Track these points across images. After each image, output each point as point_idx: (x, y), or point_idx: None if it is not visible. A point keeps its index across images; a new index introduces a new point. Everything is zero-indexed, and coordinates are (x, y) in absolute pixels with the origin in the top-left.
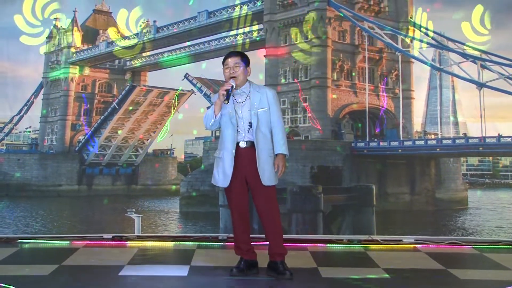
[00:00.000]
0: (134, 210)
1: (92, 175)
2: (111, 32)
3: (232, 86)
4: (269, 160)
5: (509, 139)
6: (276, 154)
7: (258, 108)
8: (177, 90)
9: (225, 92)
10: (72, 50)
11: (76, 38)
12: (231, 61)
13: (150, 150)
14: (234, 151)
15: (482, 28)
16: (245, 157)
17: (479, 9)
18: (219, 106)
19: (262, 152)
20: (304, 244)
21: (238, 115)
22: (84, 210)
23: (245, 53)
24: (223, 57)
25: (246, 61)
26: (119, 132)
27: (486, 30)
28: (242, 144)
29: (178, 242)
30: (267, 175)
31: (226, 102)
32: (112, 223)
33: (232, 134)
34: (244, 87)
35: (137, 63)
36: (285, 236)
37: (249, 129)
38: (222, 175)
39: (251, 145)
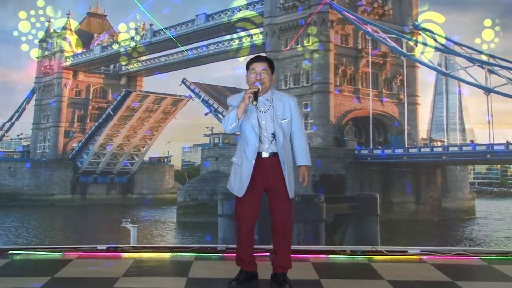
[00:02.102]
0: (129, 220)
1: (86, 184)
2: (105, 36)
3: (259, 89)
4: (292, 172)
5: None
6: (299, 166)
7: (282, 118)
8: (174, 95)
9: (251, 94)
10: (66, 54)
11: (70, 42)
12: (258, 66)
13: (146, 158)
14: (254, 162)
15: (490, 32)
16: (269, 167)
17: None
18: (242, 109)
19: (287, 165)
20: (306, 255)
21: (260, 125)
22: (78, 220)
23: (268, 57)
24: (248, 61)
25: (272, 68)
26: (114, 139)
27: (493, 35)
28: (265, 155)
29: (175, 253)
30: (291, 188)
31: (255, 103)
32: (107, 233)
33: (254, 144)
34: (267, 95)
35: (132, 67)
36: None
37: (272, 140)
38: (239, 183)
39: (274, 155)
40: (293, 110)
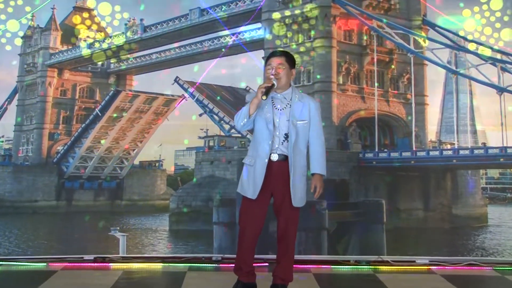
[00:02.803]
0: (118, 228)
1: (72, 190)
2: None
3: (273, 85)
4: (302, 179)
5: None
6: (313, 174)
7: (298, 119)
8: (166, 95)
9: (264, 89)
10: (50, 51)
11: (55, 38)
12: (274, 60)
13: (136, 162)
14: (267, 160)
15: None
16: (276, 171)
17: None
18: (255, 105)
19: (297, 169)
20: (307, 266)
21: (274, 122)
22: (63, 228)
23: (288, 51)
24: (267, 55)
25: (291, 63)
26: (102, 141)
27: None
28: (274, 157)
29: (167, 264)
30: (299, 196)
31: (264, 97)
32: (94, 242)
33: (268, 141)
34: (286, 92)
35: (122, 65)
36: None
37: (283, 141)
38: (253, 186)
39: (284, 158)
40: (313, 113)
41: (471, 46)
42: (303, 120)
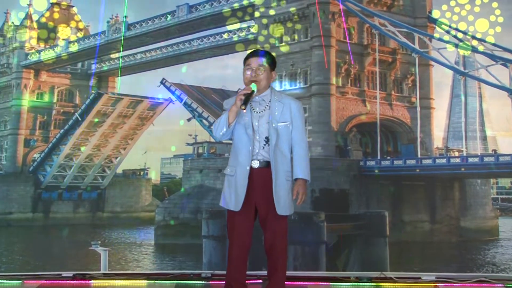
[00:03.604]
0: (99, 242)
1: (49, 201)
2: (72, 29)
3: (253, 91)
4: (286, 185)
5: None
6: (296, 179)
7: (279, 121)
8: (152, 98)
9: (243, 97)
10: (26, 51)
11: (31, 36)
12: (254, 61)
13: (119, 170)
14: (249, 168)
15: None
16: (258, 179)
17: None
18: (234, 113)
19: (279, 175)
20: (304, 283)
21: (253, 126)
22: (40, 242)
23: (269, 51)
24: (246, 56)
25: (271, 63)
26: (82, 149)
27: None
28: (255, 164)
29: (153, 281)
30: (283, 203)
31: (243, 108)
32: (74, 258)
33: (248, 147)
34: (265, 94)
35: (104, 66)
36: None
37: (264, 145)
38: (235, 197)
39: (266, 165)
40: (295, 114)
41: (481, 48)
42: (284, 122)
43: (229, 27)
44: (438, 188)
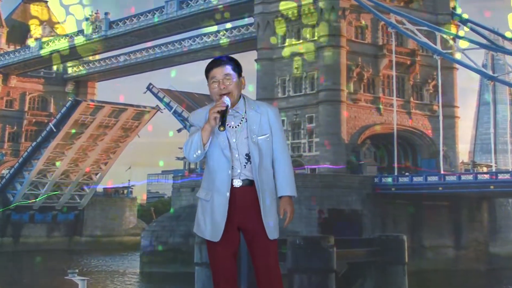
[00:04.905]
0: (77, 270)
1: (20, 223)
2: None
3: (228, 106)
4: (273, 205)
5: None
6: (281, 197)
7: (259, 135)
8: (137, 106)
9: (218, 115)
10: None
11: None
12: (218, 72)
13: (100, 189)
14: (228, 194)
15: None
16: (241, 199)
17: None
18: (208, 132)
19: (266, 194)
20: None
21: (231, 144)
22: (9, 271)
23: (232, 56)
24: (206, 66)
25: (238, 70)
26: (58, 164)
27: None
28: (237, 183)
29: None
30: (272, 226)
31: (221, 129)
32: None
33: (227, 170)
34: (238, 106)
35: (82, 70)
36: None
37: (246, 163)
38: (211, 225)
39: (249, 183)
40: (274, 123)
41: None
42: (264, 135)
43: (224, 25)
44: (464, 208)
